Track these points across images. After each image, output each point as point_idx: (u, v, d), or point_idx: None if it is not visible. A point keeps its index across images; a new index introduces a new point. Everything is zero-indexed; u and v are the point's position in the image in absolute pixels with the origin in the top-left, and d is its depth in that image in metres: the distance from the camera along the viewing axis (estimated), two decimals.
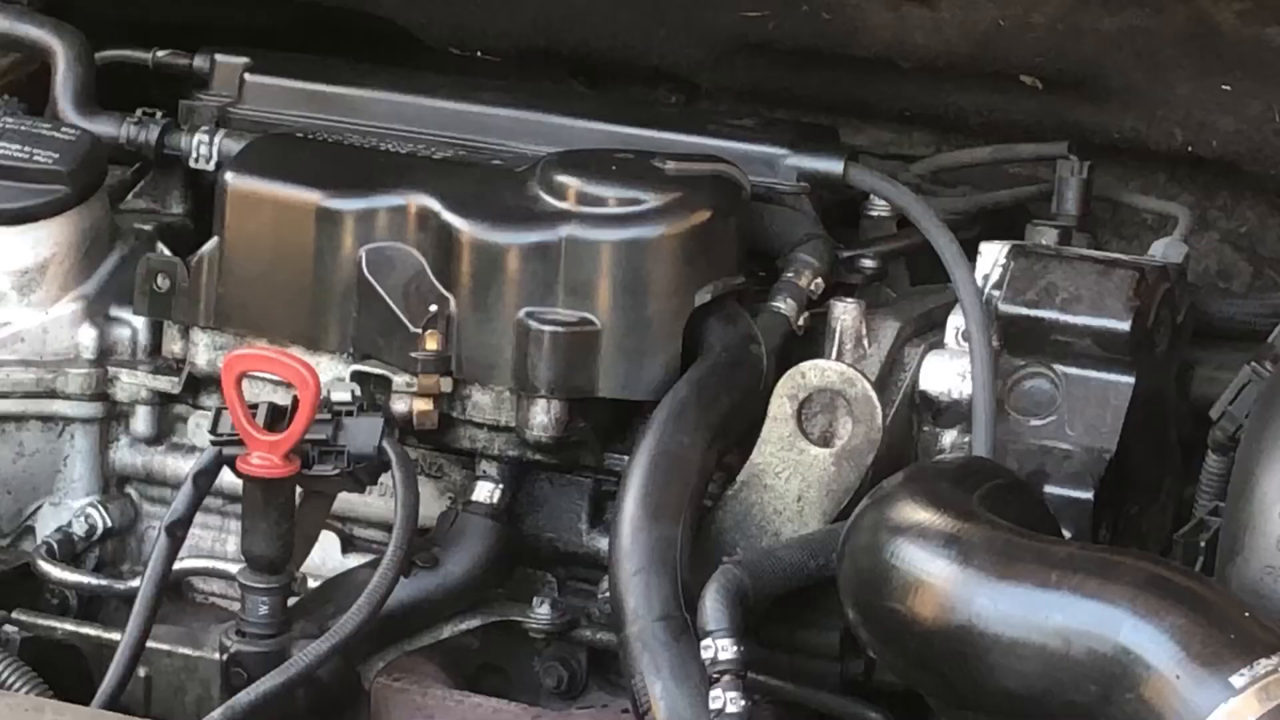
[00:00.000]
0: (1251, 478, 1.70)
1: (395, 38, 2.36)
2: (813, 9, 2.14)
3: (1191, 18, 2.02)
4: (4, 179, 2.13)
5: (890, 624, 1.69)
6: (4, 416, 2.12)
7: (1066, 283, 1.95)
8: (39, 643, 2.00)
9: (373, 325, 2.02)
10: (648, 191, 1.98)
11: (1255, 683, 1.51)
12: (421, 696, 1.99)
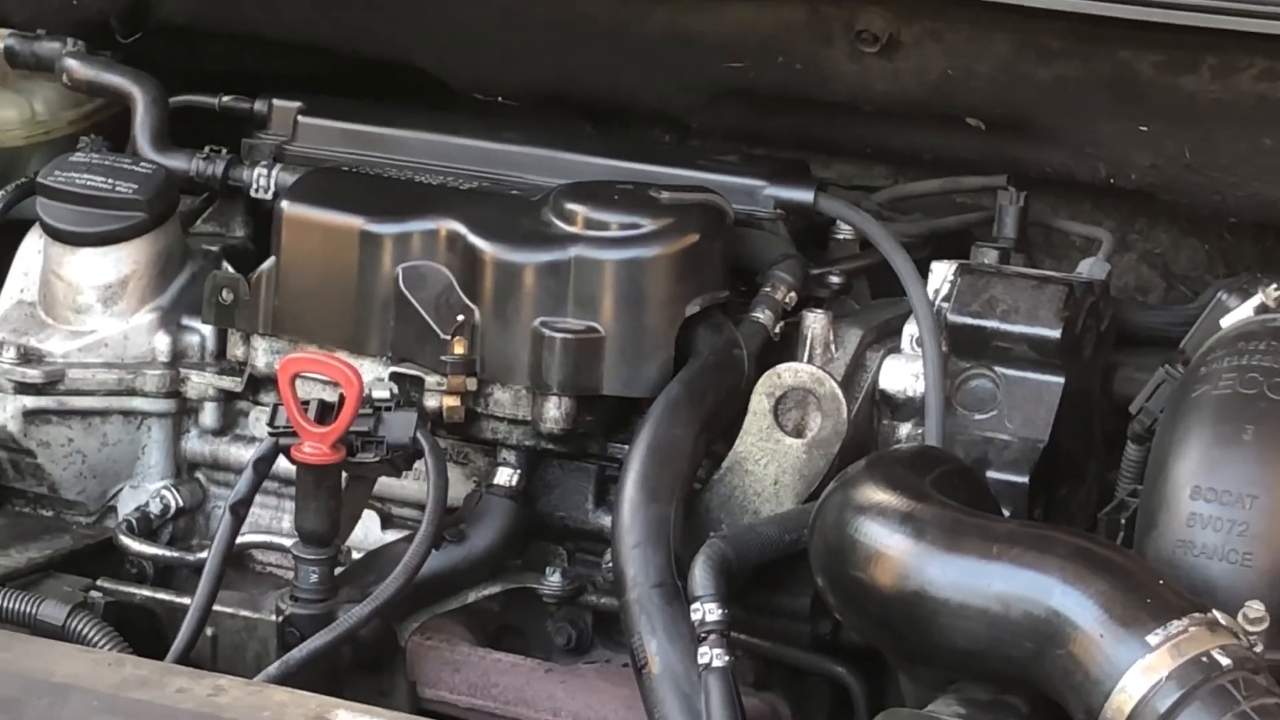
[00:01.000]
0: (1165, 464, 1.70)
1: (428, 85, 2.36)
2: (787, 60, 2.14)
3: (1114, 68, 2.02)
4: (90, 207, 2.12)
5: (854, 590, 1.69)
6: (90, 411, 2.12)
7: (1006, 296, 1.95)
8: (120, 607, 2.00)
9: (408, 332, 2.01)
10: (645, 218, 1.98)
11: (1169, 640, 1.51)
12: (450, 653, 1.98)
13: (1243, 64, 1.98)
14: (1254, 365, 1.72)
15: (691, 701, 1.70)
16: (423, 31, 2.31)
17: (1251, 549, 1.63)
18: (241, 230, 2.23)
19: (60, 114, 2.35)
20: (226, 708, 1.52)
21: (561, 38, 2.24)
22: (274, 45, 2.39)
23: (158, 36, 2.42)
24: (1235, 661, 1.50)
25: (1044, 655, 1.56)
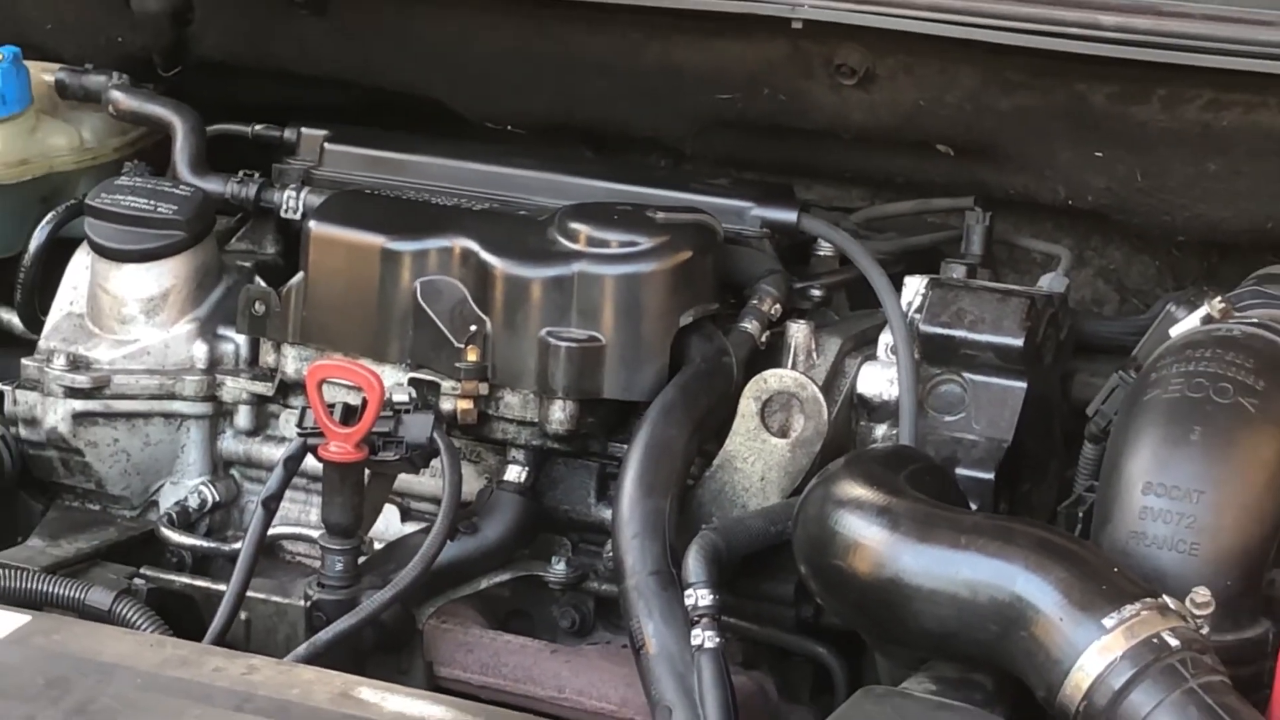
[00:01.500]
0: (1119, 462, 1.70)
1: (443, 115, 2.36)
2: (771, 92, 2.14)
3: (1071, 99, 2.02)
4: (134, 226, 2.13)
5: (834, 577, 1.69)
6: (134, 414, 2.12)
7: (973, 308, 1.95)
8: (161, 593, 2.00)
9: (425, 341, 2.01)
10: (642, 236, 1.98)
11: (1123, 623, 1.51)
12: (463, 635, 1.98)
13: (1190, 95, 1.98)
14: (1200, 371, 1.72)
15: (685, 680, 1.71)
16: (439, 66, 2.32)
17: (1198, 539, 1.64)
18: (272, 248, 2.23)
19: (106, 141, 2.35)
20: (259, 685, 1.52)
21: (564, 72, 2.24)
22: (302, 79, 2.40)
23: (196, 71, 2.43)
24: (1184, 642, 1.50)
25: (1008, 637, 1.56)
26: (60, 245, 2.23)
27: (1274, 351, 1.75)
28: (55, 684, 1.50)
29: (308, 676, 1.55)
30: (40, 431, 2.12)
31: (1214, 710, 1.47)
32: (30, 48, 2.33)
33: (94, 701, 1.48)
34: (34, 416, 2.12)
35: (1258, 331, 1.78)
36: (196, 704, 1.48)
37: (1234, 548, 1.65)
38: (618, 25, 2.11)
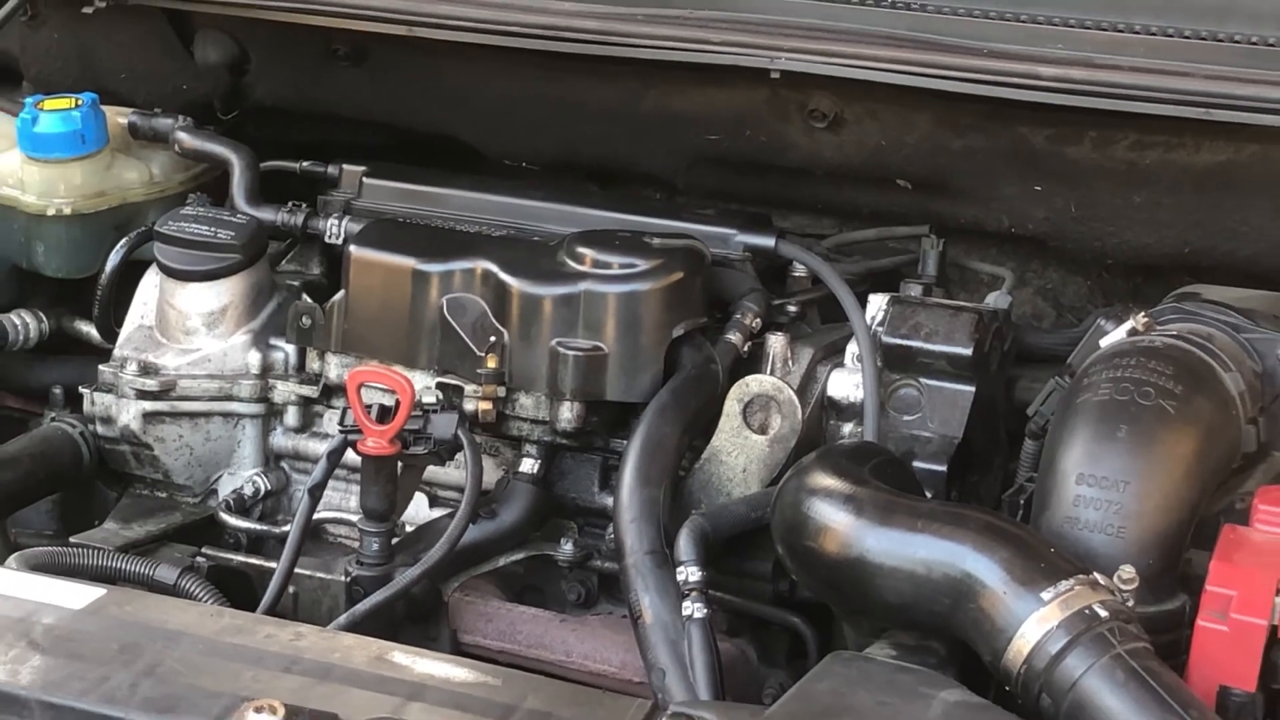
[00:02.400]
0: (1055, 456, 1.71)
1: (466, 153, 2.36)
2: (753, 134, 2.14)
3: (1013, 140, 2.03)
4: (197, 250, 2.13)
5: (807, 557, 1.69)
6: (196, 413, 2.12)
7: (928, 322, 1.95)
8: (219, 569, 2.00)
9: (450, 350, 2.01)
10: (640, 259, 1.98)
11: (1058, 597, 1.51)
12: (483, 606, 1.98)
13: (1118, 137, 1.99)
14: (1126, 377, 1.72)
15: (677, 646, 1.71)
16: (462, 110, 2.32)
17: (1125, 524, 1.64)
18: (317, 269, 2.23)
19: (172, 176, 2.35)
20: (305, 650, 1.52)
21: (572, 115, 2.24)
22: (343, 121, 2.40)
23: (250, 114, 2.43)
24: (1112, 614, 1.50)
25: (958, 609, 1.56)
26: (133, 267, 2.23)
27: (1191, 360, 1.75)
28: (127, 649, 1.50)
29: (348, 643, 1.55)
30: (115, 429, 2.12)
31: (1137, 673, 1.47)
32: (106, 94, 2.33)
33: (161, 664, 1.48)
34: (109, 415, 2.12)
35: (1176, 343, 1.78)
36: (250, 666, 1.48)
37: (1155, 531, 1.65)
38: (618, 75, 2.12)
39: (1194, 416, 1.70)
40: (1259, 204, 1.97)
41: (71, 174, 2.25)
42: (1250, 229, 1.99)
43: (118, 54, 2.44)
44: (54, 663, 1.48)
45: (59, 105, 2.25)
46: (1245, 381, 1.78)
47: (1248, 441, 1.77)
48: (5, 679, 1.46)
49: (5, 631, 1.52)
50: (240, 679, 1.46)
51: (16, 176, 2.25)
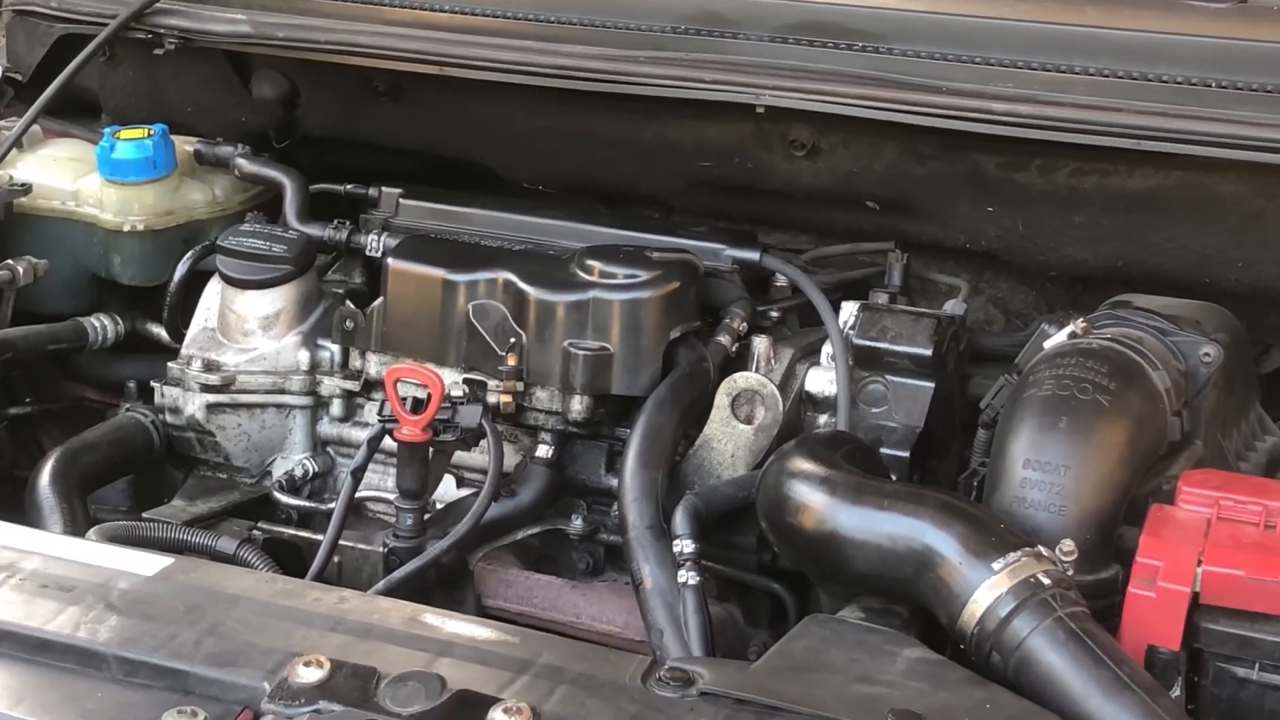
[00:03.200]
0: (1004, 444, 1.71)
1: (489, 177, 2.37)
2: (740, 161, 2.15)
3: (969, 167, 2.03)
4: (254, 261, 2.13)
5: (787, 531, 1.69)
6: (253, 405, 2.12)
7: (893, 326, 1.95)
8: (273, 541, 2.00)
9: (476, 350, 2.01)
10: (641, 270, 1.98)
11: (1007, 567, 1.51)
12: (504, 574, 1.98)
13: (1060, 164, 1.99)
14: (1067, 375, 1.72)
15: (673, 609, 1.71)
16: (487, 140, 2.32)
17: (1065, 503, 1.64)
18: (359, 278, 2.23)
19: (233, 197, 2.35)
20: (348, 612, 1.52)
21: (583, 144, 2.25)
22: (382, 149, 2.41)
23: (301, 143, 2.44)
24: (1054, 582, 1.51)
25: (920, 577, 1.56)
26: (198, 276, 2.23)
27: (1124, 360, 1.76)
28: (192, 610, 1.50)
29: (385, 605, 1.55)
30: (181, 418, 2.12)
31: (1076, 633, 1.47)
32: (175, 125, 2.33)
33: (222, 624, 1.48)
34: (177, 406, 2.12)
35: (1111, 345, 1.78)
36: (300, 626, 1.48)
37: (1092, 510, 1.65)
38: (623, 109, 2.12)
39: (1126, 409, 1.70)
40: (1183, 224, 1.98)
41: (144, 195, 2.26)
42: (1176, 245, 2.00)
43: (185, 90, 2.44)
44: (128, 622, 1.48)
45: (133, 135, 2.26)
46: (1171, 379, 1.78)
47: (1173, 431, 1.77)
48: (86, 636, 1.46)
49: (85, 595, 1.52)
50: (291, 637, 1.46)
51: (96, 197, 2.26)
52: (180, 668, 1.43)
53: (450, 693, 1.37)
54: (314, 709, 1.36)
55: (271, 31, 2.19)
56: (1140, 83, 1.83)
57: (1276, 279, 1.96)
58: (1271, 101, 1.78)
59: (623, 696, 1.37)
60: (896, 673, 1.43)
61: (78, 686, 1.44)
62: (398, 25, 2.15)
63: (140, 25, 2.27)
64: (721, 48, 1.99)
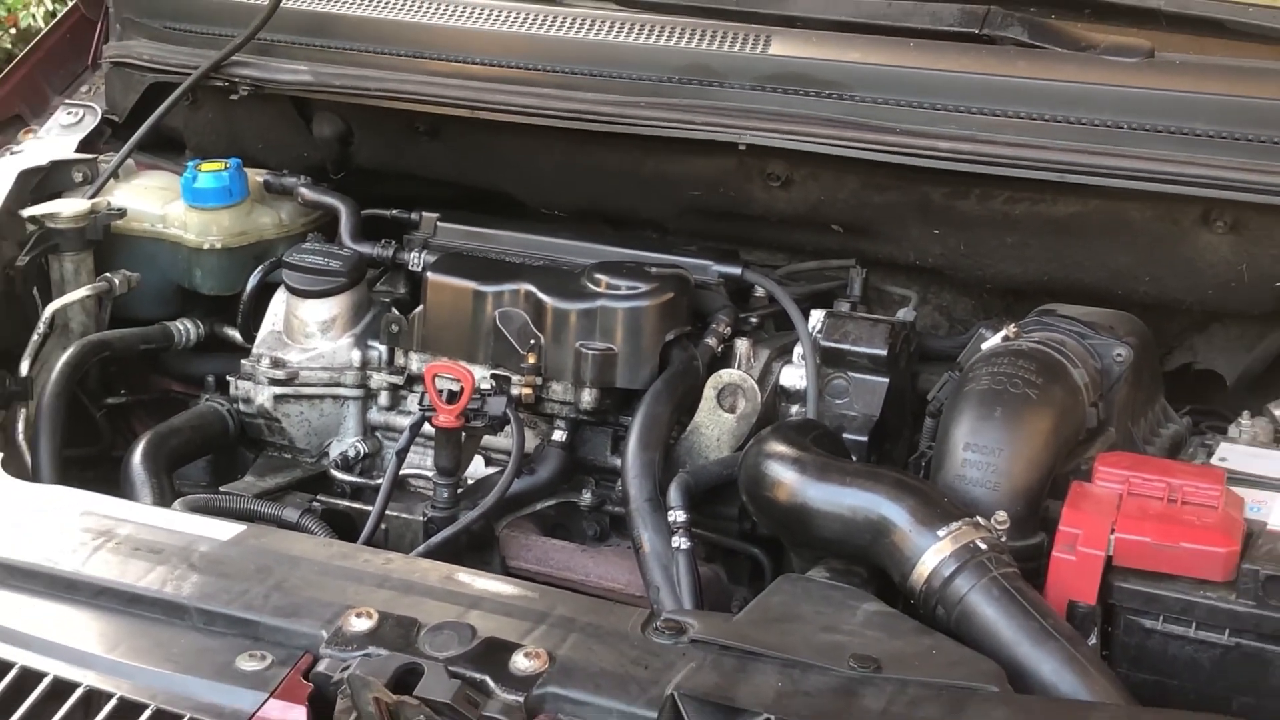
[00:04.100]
0: (948, 430, 1.71)
1: (513, 203, 2.37)
2: (725, 191, 2.15)
3: (919, 197, 2.03)
4: (315, 275, 2.13)
5: (764, 503, 1.69)
6: (313, 396, 2.12)
7: (854, 330, 1.95)
8: (330, 512, 2.00)
9: (501, 350, 2.00)
10: (641, 283, 1.97)
11: (950, 534, 1.52)
12: (525, 540, 1.98)
13: (996, 194, 1.99)
14: (1001, 372, 1.73)
15: (668, 569, 1.71)
16: (511, 172, 2.33)
17: (999, 480, 1.64)
18: (403, 289, 2.23)
19: (296, 220, 2.35)
20: (393, 572, 1.52)
21: (593, 176, 2.25)
22: (422, 180, 2.40)
23: (354, 174, 2.44)
24: (990, 547, 1.51)
25: (876, 542, 1.57)
26: (267, 287, 2.23)
27: (1049, 359, 1.76)
28: (261, 570, 1.50)
29: (424, 566, 1.55)
30: (253, 407, 2.12)
31: (1008, 590, 1.47)
32: (247, 159, 2.34)
33: (286, 581, 1.48)
34: (249, 397, 2.12)
35: (1038, 346, 1.79)
36: (352, 584, 1.48)
37: (1021, 486, 1.65)
38: (627, 146, 2.12)
39: (1050, 401, 1.71)
40: (1099, 245, 1.98)
41: (222, 218, 2.25)
42: (1093, 263, 2.00)
43: (256, 130, 2.45)
44: (207, 579, 1.48)
45: (212, 167, 2.26)
46: (1089, 375, 1.78)
47: (1090, 420, 1.77)
48: (171, 591, 1.46)
49: (171, 556, 1.52)
50: (345, 592, 1.46)
51: (181, 220, 2.26)
52: (251, 618, 1.43)
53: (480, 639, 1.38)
54: (364, 653, 1.37)
55: (329, 80, 2.20)
56: (1063, 125, 1.84)
57: (1177, 291, 1.96)
58: (1174, 141, 1.78)
59: (625, 643, 1.37)
60: (856, 623, 1.43)
61: (164, 634, 1.44)
62: (436, 75, 2.15)
63: (218, 75, 2.27)
64: (709, 95, 1.99)
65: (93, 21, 2.54)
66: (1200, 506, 1.56)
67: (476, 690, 1.31)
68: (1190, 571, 1.52)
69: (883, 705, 1.28)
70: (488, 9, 2.15)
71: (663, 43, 2.03)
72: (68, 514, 1.61)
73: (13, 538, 1.56)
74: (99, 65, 2.49)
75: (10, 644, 1.44)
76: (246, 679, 1.35)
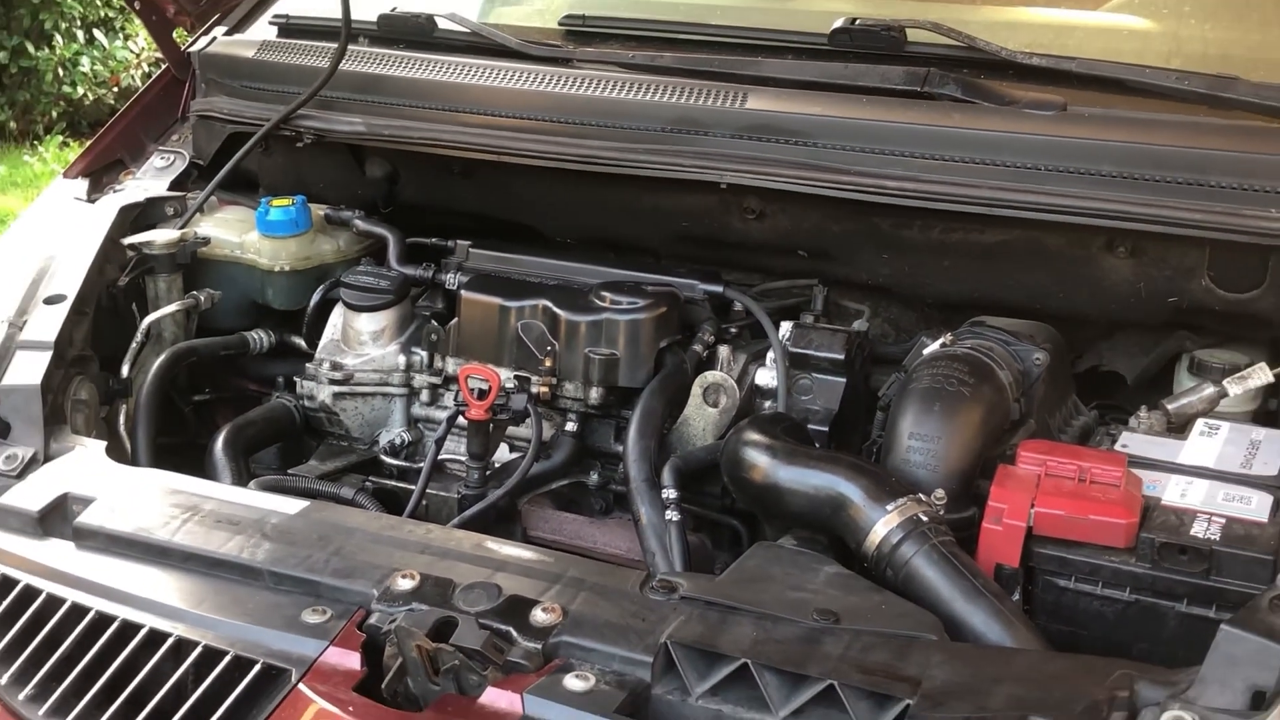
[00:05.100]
0: (896, 422, 1.71)
1: (533, 233, 2.36)
2: (709, 222, 2.14)
3: (869, 226, 2.03)
4: (367, 292, 2.13)
5: (742, 483, 1.69)
6: (365, 394, 2.11)
7: (817, 339, 1.94)
8: (380, 490, 2.00)
9: (523, 355, 2.00)
10: (639, 299, 1.97)
11: (897, 508, 1.52)
12: (542, 513, 1.98)
13: (934, 224, 1.99)
14: (939, 373, 1.73)
15: (662, 539, 1.72)
16: (531, 207, 2.32)
17: (937, 464, 1.65)
18: (441, 305, 2.22)
19: (352, 247, 2.34)
20: (432, 540, 1.52)
21: (599, 209, 2.24)
22: (457, 213, 2.40)
23: (400, 209, 2.43)
24: (930, 519, 1.51)
25: (836, 515, 1.57)
26: (327, 303, 2.23)
27: (979, 363, 1.76)
28: (323, 538, 1.50)
29: (458, 535, 1.56)
30: (315, 403, 2.11)
31: (945, 555, 1.48)
32: (311, 196, 2.33)
33: (343, 548, 1.48)
34: (312, 395, 2.12)
35: (970, 352, 1.79)
36: (398, 550, 1.49)
37: (956, 468, 1.65)
38: (628, 185, 2.12)
39: (980, 398, 1.71)
40: (1021, 267, 1.97)
41: (289, 246, 2.25)
42: (1015, 282, 2.00)
43: (318, 171, 2.45)
44: (277, 547, 1.48)
45: (282, 203, 2.25)
46: (1012, 376, 1.78)
47: (1014, 413, 1.77)
48: (247, 557, 1.46)
49: (247, 527, 1.52)
50: (392, 557, 1.46)
51: (255, 247, 2.26)
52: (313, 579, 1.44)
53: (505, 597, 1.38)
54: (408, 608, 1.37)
55: (380, 130, 2.20)
56: (991, 167, 1.83)
57: (1086, 306, 1.96)
58: (1083, 181, 1.78)
59: (626, 600, 1.38)
60: (819, 583, 1.43)
61: (240, 592, 1.45)
62: (469, 126, 2.15)
63: (287, 126, 2.27)
64: (696, 142, 1.99)
65: (182, 81, 2.54)
66: (1105, 485, 1.56)
67: (502, 639, 1.32)
68: (1097, 539, 1.52)
69: (841, 650, 1.28)
70: (511, 71, 2.15)
71: (658, 99, 2.03)
72: (161, 493, 1.61)
73: (115, 513, 1.56)
74: (187, 118, 2.49)
75: (114, 601, 1.45)
76: (310, 630, 1.35)
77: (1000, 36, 1.96)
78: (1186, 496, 1.56)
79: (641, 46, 2.17)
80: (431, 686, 1.27)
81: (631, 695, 1.26)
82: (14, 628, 1.47)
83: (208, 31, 2.49)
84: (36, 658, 1.44)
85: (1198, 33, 2.22)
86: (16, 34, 7.30)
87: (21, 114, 7.57)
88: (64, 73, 7.55)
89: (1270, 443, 1.68)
